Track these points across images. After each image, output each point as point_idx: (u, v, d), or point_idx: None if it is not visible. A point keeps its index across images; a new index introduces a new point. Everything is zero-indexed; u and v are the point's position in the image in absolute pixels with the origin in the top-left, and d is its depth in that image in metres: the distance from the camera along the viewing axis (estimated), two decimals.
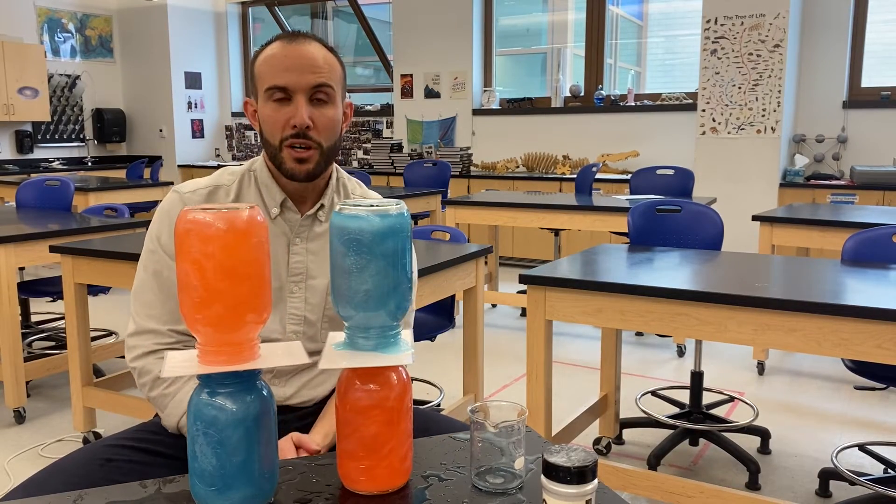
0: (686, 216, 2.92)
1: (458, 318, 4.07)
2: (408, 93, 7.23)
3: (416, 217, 5.11)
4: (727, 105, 5.25)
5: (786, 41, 5.01)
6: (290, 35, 1.35)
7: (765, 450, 2.80)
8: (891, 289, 1.96)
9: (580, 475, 0.79)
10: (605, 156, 6.26)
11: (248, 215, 0.86)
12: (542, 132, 6.68)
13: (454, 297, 2.70)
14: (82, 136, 8.13)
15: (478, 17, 6.89)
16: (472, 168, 6.85)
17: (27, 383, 3.31)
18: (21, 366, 3.06)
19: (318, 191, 1.44)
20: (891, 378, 2.21)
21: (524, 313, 4.85)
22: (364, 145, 7.68)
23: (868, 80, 5.49)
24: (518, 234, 6.24)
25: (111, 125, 8.19)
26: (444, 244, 2.75)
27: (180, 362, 0.89)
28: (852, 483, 2.47)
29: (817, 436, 2.94)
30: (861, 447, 2.78)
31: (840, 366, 3.72)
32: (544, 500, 0.81)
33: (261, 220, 0.88)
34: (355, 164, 7.72)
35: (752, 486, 2.52)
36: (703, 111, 5.33)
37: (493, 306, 5.08)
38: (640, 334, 4.37)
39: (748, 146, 5.24)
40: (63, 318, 4.43)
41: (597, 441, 2.86)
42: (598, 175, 5.88)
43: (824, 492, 2.49)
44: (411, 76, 7.19)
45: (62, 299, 2.95)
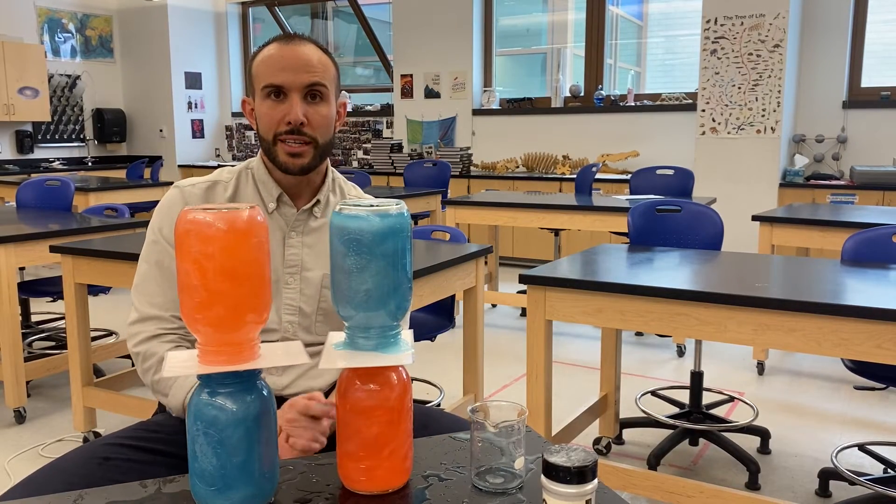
0: (686, 216, 2.92)
1: (458, 318, 4.07)
2: (408, 93, 7.23)
3: (416, 217, 5.11)
4: (727, 105, 5.25)
5: (786, 41, 5.02)
6: (287, 37, 1.42)
7: (765, 450, 2.80)
8: (891, 289, 1.96)
9: (580, 475, 0.79)
10: (605, 156, 6.26)
11: (248, 215, 0.86)
12: (542, 132, 6.68)
13: (454, 297, 2.70)
14: (82, 136, 8.13)
15: (478, 17, 6.89)
16: (472, 168, 6.85)
17: (27, 383, 3.31)
18: (21, 366, 3.06)
19: (314, 187, 1.50)
20: (891, 378, 2.21)
21: (524, 313, 4.85)
22: (364, 145, 7.68)
23: (868, 80, 5.49)
24: (518, 234, 6.24)
25: (111, 125, 8.19)
26: (444, 244, 2.75)
27: (181, 362, 0.89)
28: (852, 483, 2.48)
29: (817, 436, 2.94)
30: (861, 447, 2.78)
31: (840, 366, 3.72)
32: (544, 500, 0.81)
33: (261, 220, 0.88)
34: (355, 164, 7.71)
35: (752, 486, 2.52)
36: (703, 111, 5.33)
37: (493, 306, 5.08)
38: (640, 334, 4.37)
39: (748, 146, 5.24)
40: (63, 318, 4.43)
41: (597, 441, 2.86)
42: (598, 175, 5.88)
43: (824, 492, 2.49)
44: (411, 76, 7.19)
45: (62, 299, 2.95)
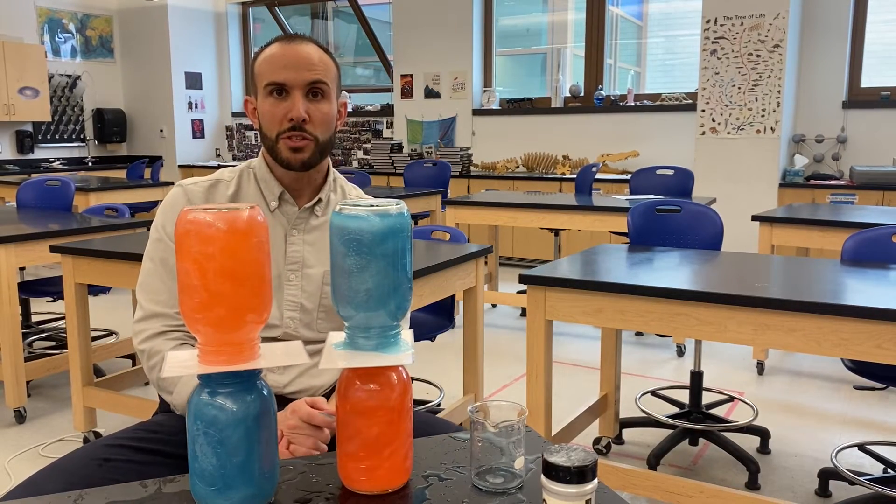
0: (686, 216, 2.92)
1: (458, 318, 4.07)
2: (408, 93, 7.23)
3: (416, 217, 5.11)
4: (727, 105, 5.25)
5: (785, 41, 5.02)
6: (288, 37, 1.43)
7: (764, 450, 2.80)
8: (891, 289, 1.96)
9: (580, 475, 0.79)
10: (605, 156, 6.26)
11: (248, 215, 0.86)
12: (542, 132, 6.68)
13: (454, 297, 2.70)
14: (83, 137, 8.13)
15: (478, 17, 6.89)
16: (472, 168, 6.85)
17: (27, 383, 3.31)
18: (21, 366, 3.06)
19: (315, 185, 1.51)
20: (891, 378, 2.21)
21: (524, 313, 4.85)
22: (364, 145, 7.68)
23: (868, 80, 5.49)
24: (518, 234, 6.24)
25: (111, 125, 8.19)
26: (444, 244, 2.75)
27: (181, 362, 0.89)
28: (852, 483, 2.48)
29: (817, 436, 2.95)
30: (861, 447, 2.78)
31: (840, 366, 3.72)
32: (544, 500, 0.81)
33: (261, 220, 0.88)
34: (355, 164, 7.71)
35: (752, 485, 2.52)
36: (703, 111, 5.33)
37: (493, 306, 5.08)
38: (640, 334, 4.37)
39: (748, 146, 5.24)
40: (63, 318, 4.43)
41: (597, 441, 2.86)
42: (598, 175, 5.88)
43: (824, 492, 2.49)
44: (411, 76, 7.19)
45: (62, 299, 2.95)
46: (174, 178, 8.19)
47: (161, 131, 8.30)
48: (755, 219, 3.61)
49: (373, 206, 0.92)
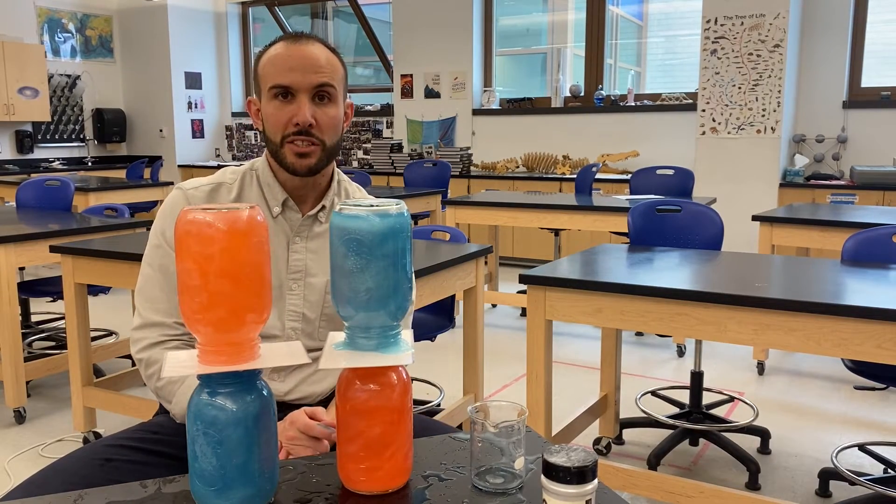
0: (686, 216, 2.92)
1: (458, 318, 4.07)
2: (408, 93, 7.23)
3: (416, 217, 5.11)
4: (727, 105, 5.25)
5: (786, 41, 5.01)
6: (294, 36, 1.38)
7: (765, 450, 2.80)
8: (891, 289, 1.96)
9: (580, 475, 0.79)
10: (605, 156, 6.26)
11: (248, 215, 0.86)
12: (542, 132, 6.68)
13: (454, 297, 2.70)
14: (82, 137, 8.13)
15: (478, 17, 6.88)
16: (472, 168, 6.85)
17: (27, 383, 3.31)
18: (21, 366, 3.06)
19: (320, 191, 1.47)
20: (891, 378, 2.21)
21: (524, 313, 4.85)
22: (364, 145, 7.68)
23: (868, 80, 5.49)
24: (518, 234, 6.24)
25: (111, 125, 8.19)
26: (444, 244, 2.75)
27: (181, 362, 0.89)
28: (852, 483, 2.48)
29: (817, 436, 2.94)
30: (861, 447, 2.78)
31: (840, 366, 3.72)
32: (544, 500, 0.81)
33: (261, 220, 0.88)
34: (355, 164, 7.72)
35: (752, 486, 2.52)
36: (703, 111, 5.33)
37: (493, 306, 5.08)
38: (640, 334, 4.37)
39: (748, 146, 5.24)
40: (63, 318, 4.43)
41: (597, 441, 2.86)
42: (598, 175, 5.88)
43: (824, 492, 2.49)
44: (411, 76, 7.19)
45: (62, 299, 2.95)
46: (174, 178, 8.19)
47: (161, 131, 8.30)
48: (755, 219, 3.61)
49: (373, 206, 0.92)
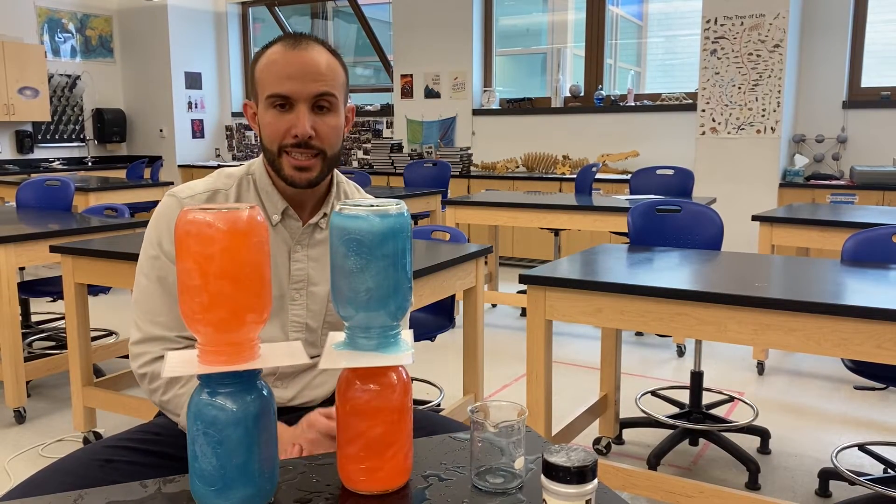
0: (686, 216, 2.92)
1: (458, 318, 4.07)
2: (408, 93, 7.23)
3: (416, 217, 5.11)
4: (727, 105, 5.25)
5: (786, 41, 5.01)
6: (293, 39, 1.32)
7: (765, 450, 2.80)
8: (891, 289, 1.96)
9: (580, 475, 0.79)
10: (605, 156, 6.26)
11: (248, 215, 0.86)
12: (542, 132, 6.68)
13: (454, 297, 2.70)
14: (82, 136, 8.13)
15: (478, 17, 6.88)
16: (472, 168, 6.85)
17: (27, 383, 3.31)
18: (21, 366, 3.06)
19: (319, 198, 1.43)
20: (891, 378, 2.21)
21: (524, 313, 4.85)
22: (364, 145, 7.68)
23: (868, 80, 5.49)
24: (518, 234, 6.24)
25: (111, 125, 8.19)
26: (444, 244, 2.75)
27: (180, 362, 0.89)
28: (852, 483, 2.48)
29: (817, 436, 2.94)
30: (861, 447, 2.78)
31: (840, 366, 3.72)
32: (544, 500, 0.81)
33: (260, 220, 0.88)
34: (355, 164, 7.72)
35: (752, 486, 2.52)
36: (703, 111, 5.33)
37: (493, 306, 5.08)
38: (640, 334, 4.37)
39: (748, 146, 5.24)
40: (63, 318, 4.43)
41: (597, 441, 2.86)
42: (598, 175, 5.88)
43: (824, 492, 2.49)
44: (411, 76, 7.19)
45: (62, 299, 2.95)
46: (174, 178, 8.19)
47: (161, 131, 8.30)
48: (755, 219, 3.61)
49: (373, 206, 0.92)
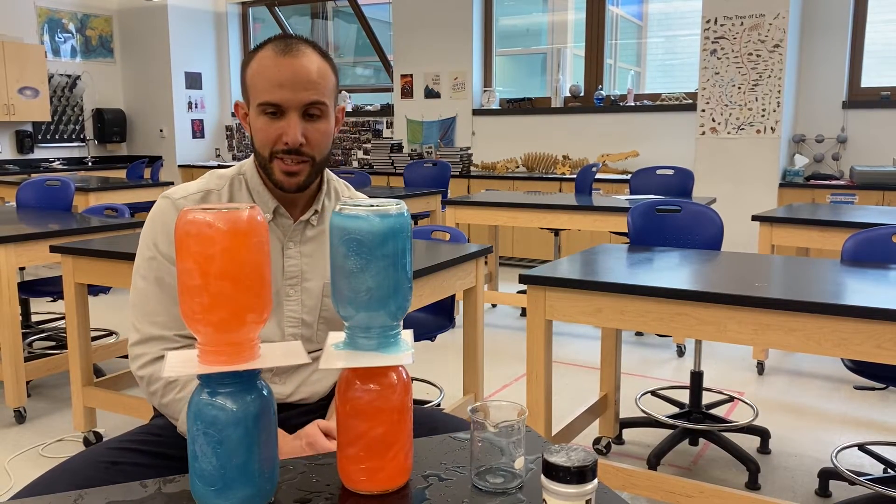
0: (686, 216, 2.92)
1: (458, 318, 4.07)
2: (408, 93, 7.23)
3: (416, 217, 5.11)
4: (727, 105, 5.25)
5: (785, 41, 5.01)
6: (284, 43, 1.32)
7: (764, 450, 2.80)
8: (891, 289, 1.96)
9: (580, 475, 0.79)
10: (605, 156, 6.26)
11: (248, 215, 0.86)
12: (542, 132, 6.68)
13: (454, 297, 2.70)
14: (82, 137, 8.13)
15: (478, 17, 6.88)
16: (472, 168, 6.85)
17: (27, 383, 3.31)
18: (21, 365, 3.06)
19: (310, 196, 1.45)
20: (891, 378, 2.21)
21: (524, 313, 4.85)
22: (364, 145, 7.68)
23: (868, 81, 5.49)
24: (518, 234, 6.24)
25: (111, 125, 8.19)
26: (444, 244, 2.75)
27: (180, 362, 0.89)
28: (852, 483, 2.48)
29: (817, 436, 2.95)
30: (861, 447, 2.78)
31: (840, 366, 3.72)
32: (544, 500, 0.81)
33: (261, 220, 0.88)
34: (355, 164, 7.71)
35: (752, 485, 2.52)
36: (703, 111, 5.33)
37: (493, 306, 5.08)
38: (640, 334, 4.37)
39: (748, 146, 5.24)
40: (63, 318, 4.43)
41: (597, 441, 2.86)
42: (598, 175, 5.88)
43: (824, 491, 2.49)
44: (411, 76, 7.19)
45: (62, 299, 2.95)
46: (174, 178, 8.19)
47: (161, 131, 8.30)
48: (755, 219, 3.61)
49: (373, 206, 0.92)
